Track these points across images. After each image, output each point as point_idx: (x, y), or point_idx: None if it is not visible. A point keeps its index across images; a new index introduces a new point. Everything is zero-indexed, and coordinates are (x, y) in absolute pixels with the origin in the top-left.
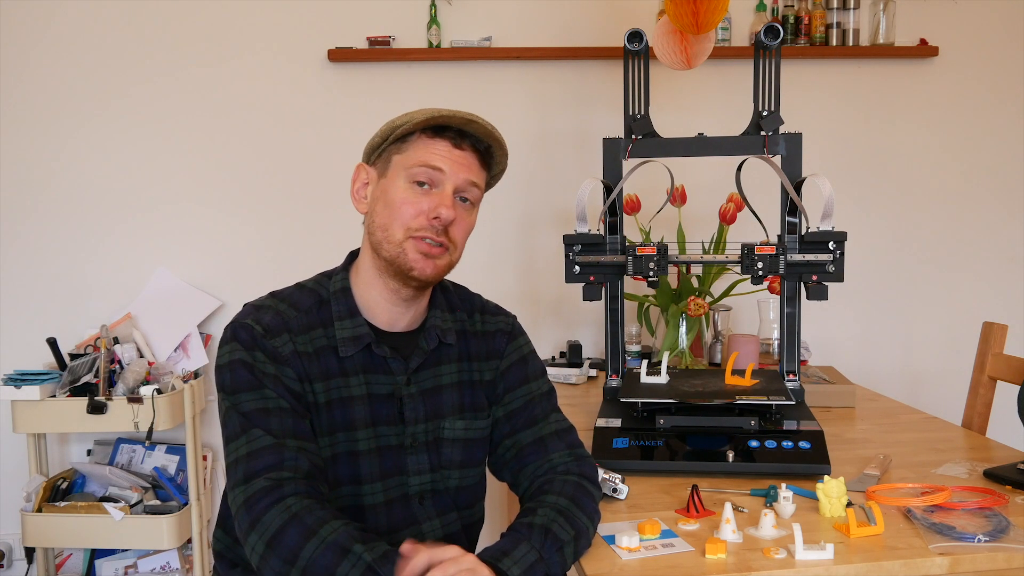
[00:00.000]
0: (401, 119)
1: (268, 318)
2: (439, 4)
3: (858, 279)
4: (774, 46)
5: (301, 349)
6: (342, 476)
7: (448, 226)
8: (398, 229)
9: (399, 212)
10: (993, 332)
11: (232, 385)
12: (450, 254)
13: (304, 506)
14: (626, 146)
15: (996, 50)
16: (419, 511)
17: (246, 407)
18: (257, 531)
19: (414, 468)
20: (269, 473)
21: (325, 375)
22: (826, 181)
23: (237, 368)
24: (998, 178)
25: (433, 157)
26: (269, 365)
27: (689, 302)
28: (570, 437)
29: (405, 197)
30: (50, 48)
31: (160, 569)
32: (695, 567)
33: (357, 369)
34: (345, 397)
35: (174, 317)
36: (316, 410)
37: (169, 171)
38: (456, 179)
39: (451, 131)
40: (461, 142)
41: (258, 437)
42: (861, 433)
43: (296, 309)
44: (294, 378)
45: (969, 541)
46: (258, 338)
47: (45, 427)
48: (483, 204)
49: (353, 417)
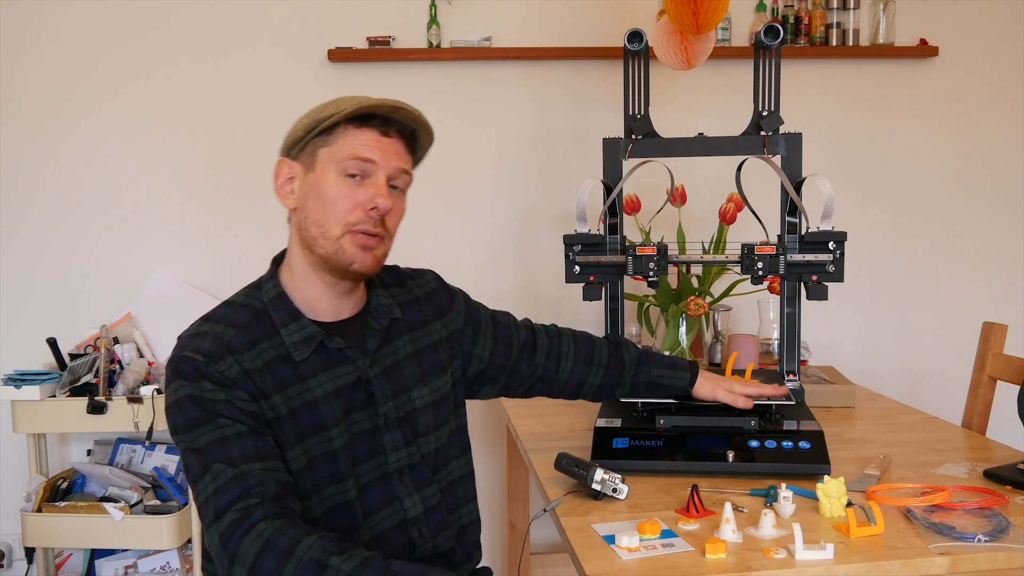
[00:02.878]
0: (325, 111)
1: (207, 344)
2: (439, 4)
3: (858, 279)
4: (774, 46)
5: (249, 367)
6: (323, 478)
7: (384, 215)
8: (335, 224)
9: (335, 207)
10: (993, 332)
11: (184, 423)
12: (385, 243)
13: (276, 528)
14: (626, 146)
15: (996, 50)
16: (399, 487)
17: (203, 441)
18: (238, 564)
19: (390, 445)
20: (237, 505)
21: (281, 386)
22: (826, 181)
23: (185, 405)
24: (998, 178)
25: (363, 148)
26: (219, 392)
27: (689, 302)
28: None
29: (339, 191)
30: (49, 48)
31: (160, 569)
32: (695, 567)
33: (315, 369)
34: (308, 401)
35: (174, 317)
36: (279, 423)
37: (169, 171)
38: (388, 168)
39: (377, 119)
40: (388, 129)
41: (220, 472)
42: (861, 433)
43: (234, 327)
44: (247, 399)
45: (969, 541)
46: (201, 368)
47: (45, 427)
48: (482, 204)
49: (322, 417)
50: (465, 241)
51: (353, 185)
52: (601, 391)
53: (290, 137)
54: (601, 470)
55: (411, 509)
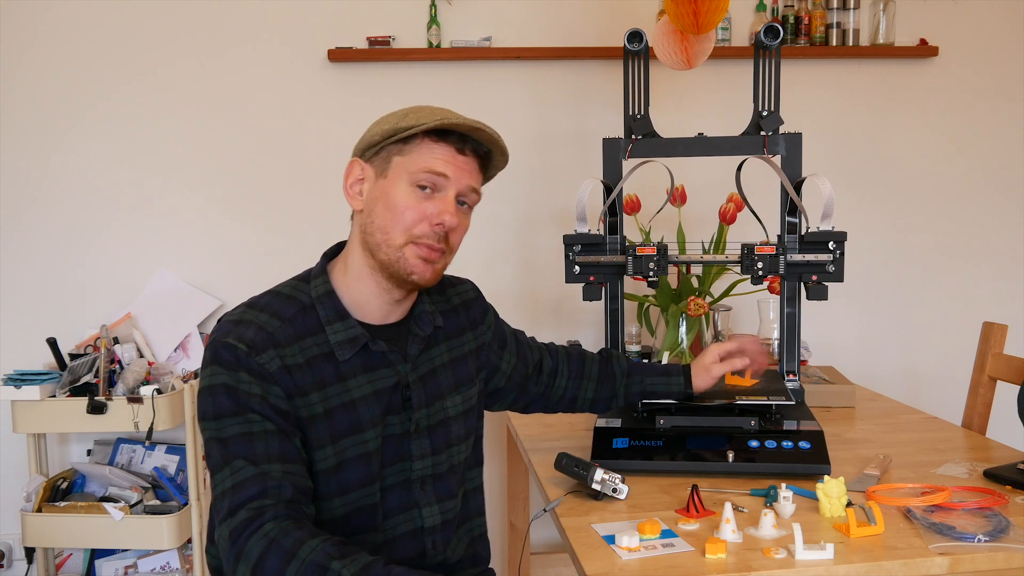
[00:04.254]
0: (406, 120)
1: (251, 333)
2: (439, 4)
3: (858, 279)
4: (774, 46)
5: (291, 362)
6: (353, 480)
7: (448, 232)
8: (399, 234)
9: (402, 217)
10: (993, 332)
11: (214, 411)
12: (446, 258)
13: (282, 529)
14: (626, 146)
15: (996, 50)
16: (420, 495)
17: (228, 432)
18: (243, 562)
19: (417, 452)
20: (252, 503)
21: (320, 384)
22: (826, 181)
23: (219, 393)
24: (998, 178)
25: (437, 163)
26: (255, 385)
27: (689, 302)
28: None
29: (408, 202)
30: (48, 47)
31: (160, 569)
32: (695, 567)
33: (356, 371)
34: (347, 402)
35: (174, 317)
36: (313, 422)
37: (169, 171)
38: (459, 185)
39: (454, 135)
40: (464, 147)
41: (240, 468)
42: (861, 433)
43: (279, 319)
44: (281, 396)
45: (969, 541)
46: (242, 358)
47: (45, 427)
48: (482, 204)
49: (360, 419)
50: (465, 241)
51: (423, 198)
52: (596, 404)
53: (366, 140)
54: (601, 470)
55: (428, 519)
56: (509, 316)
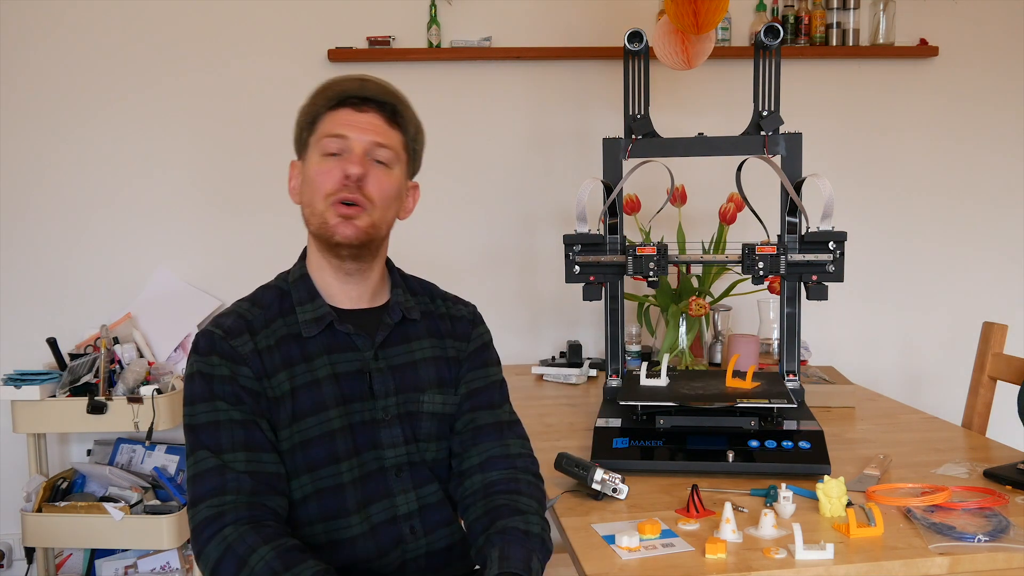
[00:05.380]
0: (306, 105)
1: (229, 321)
2: (439, 4)
3: (858, 279)
4: (774, 46)
5: (262, 345)
6: (318, 459)
7: (361, 184)
8: (319, 200)
9: (317, 185)
10: (993, 332)
11: (189, 396)
12: (369, 213)
13: (239, 535)
14: (626, 146)
15: (996, 50)
16: (395, 483)
17: (198, 420)
18: (202, 562)
19: (388, 441)
20: (212, 499)
21: (287, 363)
22: (826, 181)
23: (194, 379)
24: (998, 178)
25: (335, 126)
26: (224, 367)
27: (691, 302)
28: (520, 430)
29: (319, 169)
30: (49, 48)
31: (160, 569)
32: (695, 567)
33: (320, 351)
34: (311, 381)
35: (174, 317)
36: (280, 401)
37: (169, 171)
38: (362, 141)
39: (352, 98)
40: (362, 105)
41: (204, 459)
42: (861, 433)
43: (260, 306)
44: (250, 376)
45: (969, 541)
46: (216, 341)
47: (45, 427)
48: (482, 204)
49: (323, 398)
50: (465, 241)
51: (332, 161)
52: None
53: (294, 140)
54: (601, 470)
55: (403, 506)
56: (509, 316)
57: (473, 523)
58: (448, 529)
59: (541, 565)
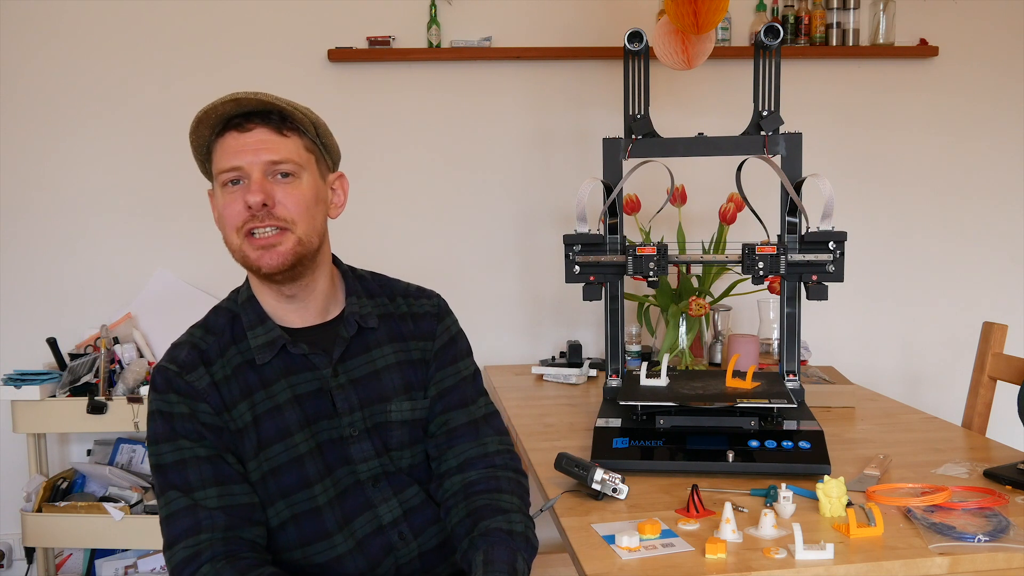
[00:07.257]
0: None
1: (184, 354)
2: (439, 4)
3: (858, 279)
4: (774, 46)
5: (218, 377)
6: (290, 485)
7: (270, 207)
8: (232, 236)
9: (226, 219)
10: (993, 332)
11: (152, 436)
12: (293, 232)
13: (216, 572)
14: (626, 146)
15: (996, 50)
16: (373, 494)
17: (164, 459)
18: None
19: (359, 456)
20: (187, 540)
21: (246, 393)
22: (826, 181)
23: (155, 418)
24: (998, 178)
25: (225, 158)
26: (182, 404)
27: (691, 302)
28: (497, 422)
29: (224, 202)
30: (49, 49)
31: (160, 569)
32: (695, 567)
33: (278, 375)
34: (272, 408)
35: (174, 317)
36: (244, 433)
37: (169, 171)
38: (256, 164)
39: (233, 119)
40: (246, 124)
41: (174, 499)
42: (861, 433)
43: (213, 333)
44: (209, 411)
45: (969, 541)
46: (172, 379)
47: (45, 427)
48: (482, 204)
49: (286, 424)
50: (465, 241)
51: (234, 192)
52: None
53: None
54: (601, 470)
55: (387, 515)
56: (509, 316)
57: (456, 526)
58: (437, 527)
59: (527, 564)
